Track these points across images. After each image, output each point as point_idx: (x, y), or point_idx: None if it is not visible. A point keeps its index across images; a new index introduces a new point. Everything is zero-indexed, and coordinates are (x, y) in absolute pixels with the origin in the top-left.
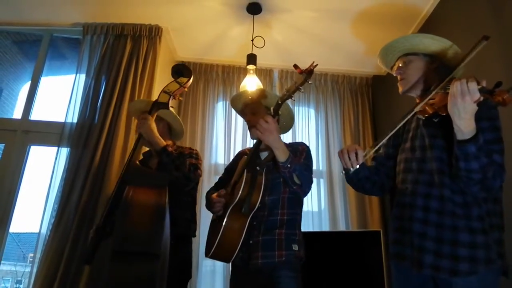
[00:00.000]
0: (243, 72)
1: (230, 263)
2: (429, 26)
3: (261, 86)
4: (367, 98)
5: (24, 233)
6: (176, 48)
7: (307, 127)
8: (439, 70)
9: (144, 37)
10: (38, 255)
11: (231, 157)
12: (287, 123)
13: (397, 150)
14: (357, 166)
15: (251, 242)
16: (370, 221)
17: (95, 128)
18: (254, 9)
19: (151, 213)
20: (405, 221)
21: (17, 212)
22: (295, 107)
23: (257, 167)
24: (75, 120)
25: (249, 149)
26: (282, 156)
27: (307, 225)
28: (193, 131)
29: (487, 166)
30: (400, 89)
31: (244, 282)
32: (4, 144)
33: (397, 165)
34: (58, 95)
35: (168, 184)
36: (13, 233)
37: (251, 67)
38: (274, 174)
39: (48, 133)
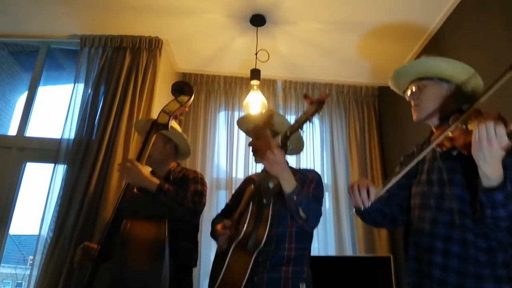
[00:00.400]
0: (245, 82)
1: None
2: (436, 42)
3: (266, 103)
4: (373, 109)
5: (24, 235)
6: (176, 60)
7: (311, 138)
8: (457, 96)
9: (144, 50)
10: (37, 257)
11: (234, 171)
12: (296, 146)
13: (410, 179)
14: (369, 205)
15: (255, 279)
16: (377, 237)
17: (93, 145)
18: (258, 21)
19: (149, 249)
20: (424, 265)
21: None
22: (298, 115)
23: (264, 200)
24: (72, 136)
25: (257, 175)
26: (288, 187)
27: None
28: (194, 144)
29: None
30: (415, 117)
31: None
32: None
33: (412, 198)
34: (55, 110)
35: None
36: (13, 235)
37: (255, 82)
38: (281, 205)
39: (44, 150)
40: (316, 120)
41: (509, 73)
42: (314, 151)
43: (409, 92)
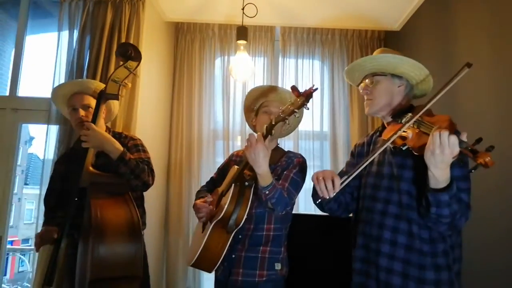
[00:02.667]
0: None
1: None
2: None
3: (253, 67)
4: None
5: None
6: (164, 10)
7: (310, 83)
8: (408, 93)
9: (126, 3)
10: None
11: (231, 122)
12: (290, 128)
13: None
14: (333, 195)
15: (233, 256)
16: None
17: None
18: None
19: (126, 233)
20: (371, 253)
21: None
22: (298, 60)
23: (246, 182)
24: None
25: (244, 153)
26: (263, 181)
27: (309, 201)
28: (190, 96)
29: (457, 211)
30: (367, 110)
31: None
32: None
33: (362, 188)
34: (46, 61)
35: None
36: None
37: (241, 42)
38: None
39: (37, 110)
40: (316, 64)
41: (464, 71)
42: (313, 97)
43: (363, 86)
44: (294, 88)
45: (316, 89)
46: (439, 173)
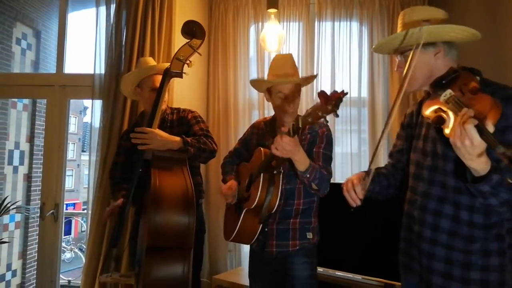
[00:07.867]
0: None
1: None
2: None
3: (284, 36)
4: None
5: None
6: None
7: (347, 47)
8: (449, 52)
9: None
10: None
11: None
12: None
13: (410, 142)
14: (360, 202)
15: (266, 229)
16: None
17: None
18: None
19: (181, 204)
20: (414, 236)
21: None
22: (335, 24)
23: (274, 171)
24: (102, 71)
25: (265, 121)
26: (301, 166)
27: (345, 165)
28: (225, 66)
29: (509, 199)
30: (406, 89)
31: (260, 267)
32: (46, 100)
33: (409, 164)
34: (88, 37)
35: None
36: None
37: (272, 10)
38: (290, 165)
39: (82, 86)
40: (354, 27)
41: None
42: (351, 62)
43: (397, 63)
44: (321, 94)
45: (346, 93)
46: (474, 165)
